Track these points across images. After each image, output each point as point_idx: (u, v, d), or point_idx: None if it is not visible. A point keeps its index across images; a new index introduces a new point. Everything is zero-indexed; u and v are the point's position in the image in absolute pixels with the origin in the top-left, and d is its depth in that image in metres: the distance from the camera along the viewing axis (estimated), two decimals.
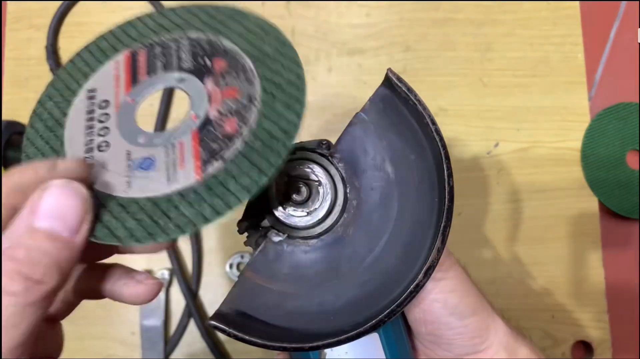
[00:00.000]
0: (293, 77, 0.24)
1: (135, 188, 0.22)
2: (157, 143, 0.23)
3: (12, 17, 0.51)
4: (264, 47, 0.25)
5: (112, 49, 0.26)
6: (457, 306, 0.27)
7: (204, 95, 0.24)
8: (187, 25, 0.26)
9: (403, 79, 0.24)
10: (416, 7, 0.51)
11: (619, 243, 0.50)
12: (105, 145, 0.23)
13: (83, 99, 0.25)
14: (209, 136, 0.23)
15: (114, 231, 0.21)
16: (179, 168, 0.22)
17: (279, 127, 0.23)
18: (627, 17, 0.51)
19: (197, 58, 0.25)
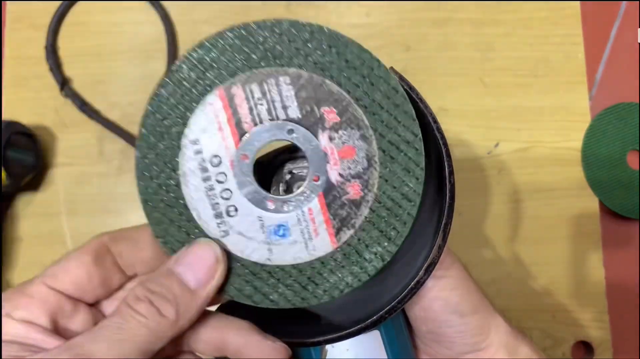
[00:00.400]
0: (410, 136, 0.23)
1: (277, 255, 0.23)
2: (287, 209, 0.23)
3: (12, 17, 0.50)
4: (373, 93, 0.23)
5: (201, 83, 0.22)
6: (458, 304, 0.27)
7: (321, 154, 0.23)
8: (281, 54, 0.22)
9: (405, 77, 0.24)
10: (416, 7, 0.51)
11: (619, 243, 0.49)
12: (233, 210, 0.23)
13: (190, 154, 0.23)
14: (336, 202, 0.23)
15: (269, 297, 0.24)
16: (314, 236, 0.23)
17: (401, 194, 0.23)
18: (628, 17, 0.51)
19: (304, 105, 0.23)
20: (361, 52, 0.23)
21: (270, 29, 0.22)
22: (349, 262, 0.23)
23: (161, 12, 0.50)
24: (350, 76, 0.23)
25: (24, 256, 0.48)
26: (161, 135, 0.23)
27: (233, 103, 0.23)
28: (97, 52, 0.50)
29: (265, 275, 0.24)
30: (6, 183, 0.44)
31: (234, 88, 0.22)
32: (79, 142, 0.49)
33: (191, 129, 0.23)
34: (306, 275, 0.24)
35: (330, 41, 0.23)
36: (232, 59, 0.22)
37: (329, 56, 0.23)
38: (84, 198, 0.48)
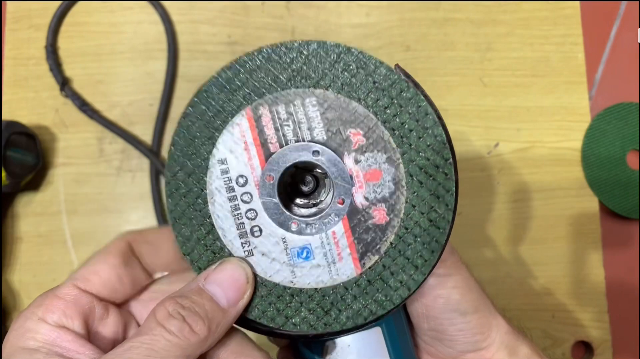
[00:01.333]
0: (439, 161, 0.23)
1: (300, 277, 0.23)
2: (310, 232, 0.23)
3: (12, 17, 0.50)
4: (402, 115, 0.22)
5: (229, 104, 0.23)
6: (460, 302, 0.27)
7: (347, 176, 0.23)
8: (308, 75, 0.22)
9: (410, 75, 0.24)
10: (416, 7, 0.51)
11: (619, 243, 0.49)
12: (258, 230, 0.23)
13: (217, 173, 0.23)
14: (360, 226, 0.23)
15: (291, 320, 0.23)
16: (337, 260, 0.23)
17: (429, 221, 0.23)
18: (628, 17, 0.51)
19: (330, 126, 0.22)
20: (390, 73, 0.22)
21: (298, 50, 0.22)
22: (373, 289, 0.23)
23: (161, 12, 0.50)
24: (378, 98, 0.22)
25: (24, 256, 0.48)
26: (190, 155, 0.23)
27: (260, 124, 0.23)
28: (97, 52, 0.50)
29: (288, 298, 0.23)
30: (6, 183, 0.44)
31: (261, 109, 0.23)
32: (79, 141, 0.49)
33: (219, 149, 0.23)
34: (329, 300, 0.23)
35: (357, 62, 0.22)
36: (260, 80, 0.23)
37: (357, 78, 0.22)
38: (84, 198, 0.48)
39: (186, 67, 0.50)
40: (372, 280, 0.23)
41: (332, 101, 0.22)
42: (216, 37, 0.50)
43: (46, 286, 0.48)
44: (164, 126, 0.49)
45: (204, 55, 0.50)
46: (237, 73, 0.23)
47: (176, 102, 0.50)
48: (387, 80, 0.22)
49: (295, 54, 0.22)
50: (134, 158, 0.49)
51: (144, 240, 0.26)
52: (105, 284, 0.24)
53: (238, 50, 0.50)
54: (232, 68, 0.23)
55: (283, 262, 0.23)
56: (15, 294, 0.48)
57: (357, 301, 0.23)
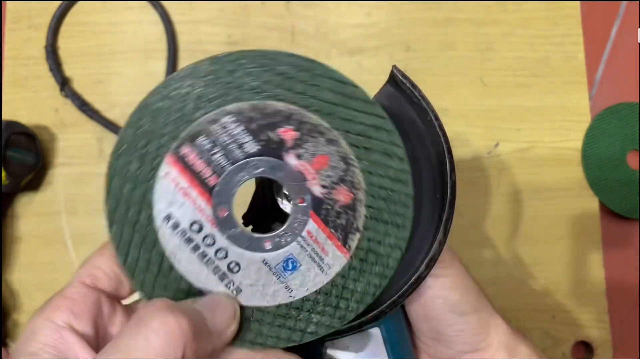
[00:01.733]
0: (376, 120, 0.22)
1: (297, 289, 0.23)
2: (285, 242, 0.23)
3: (12, 17, 0.50)
4: (320, 93, 0.22)
5: (147, 160, 0.22)
6: (458, 303, 0.27)
7: (296, 174, 0.22)
8: (213, 96, 0.21)
9: (407, 76, 0.24)
10: (416, 7, 0.51)
11: (619, 243, 0.49)
12: (235, 265, 0.22)
13: (169, 232, 0.22)
14: (330, 214, 0.22)
15: (307, 331, 0.23)
16: (324, 255, 0.23)
17: (390, 179, 0.23)
18: (628, 17, 0.51)
19: (257, 135, 0.22)
20: (289, 57, 0.22)
21: (190, 76, 0.21)
22: (368, 265, 0.23)
23: (161, 12, 0.50)
24: (290, 87, 0.22)
25: (24, 256, 0.48)
26: (133, 227, 0.22)
27: (187, 164, 0.22)
28: (97, 52, 0.50)
29: (295, 312, 0.23)
30: (6, 183, 0.44)
31: (181, 149, 0.22)
32: (78, 141, 0.49)
33: (158, 208, 0.22)
34: (333, 295, 0.23)
35: (255, 61, 0.22)
36: (166, 122, 0.22)
37: (261, 77, 0.22)
38: (84, 198, 0.48)
39: None
40: (363, 257, 0.23)
41: (248, 110, 0.22)
42: (216, 37, 0.50)
43: (46, 286, 0.48)
44: None
45: (204, 55, 0.50)
46: (139, 128, 0.22)
47: None
48: (289, 65, 0.22)
49: (189, 80, 0.22)
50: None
51: None
52: (110, 277, 0.24)
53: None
54: (130, 125, 0.22)
55: (274, 282, 0.23)
56: (15, 294, 0.48)
57: (359, 282, 0.23)
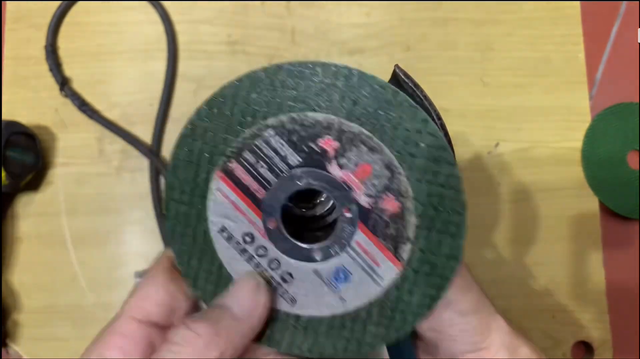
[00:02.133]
0: (418, 124, 0.21)
1: (350, 300, 0.23)
2: (335, 252, 0.22)
3: (12, 17, 0.50)
4: (359, 101, 0.21)
5: (199, 177, 0.22)
6: (460, 302, 0.27)
7: (339, 184, 0.22)
8: (254, 111, 0.22)
9: (410, 75, 0.23)
10: (417, 7, 0.51)
11: (619, 243, 0.49)
12: (288, 276, 0.23)
13: (224, 244, 0.23)
14: (379, 224, 0.22)
15: (364, 342, 0.23)
16: (375, 266, 0.22)
17: (440, 185, 0.22)
18: (628, 17, 0.51)
19: (299, 147, 0.22)
20: (326, 66, 0.21)
21: (234, 93, 0.22)
22: (423, 276, 0.22)
23: (161, 12, 0.50)
24: (328, 96, 0.21)
25: (24, 256, 0.48)
26: (192, 242, 0.23)
27: (235, 178, 0.22)
28: (97, 52, 0.50)
29: (350, 323, 0.23)
30: (6, 183, 0.44)
31: (229, 164, 0.22)
32: (78, 141, 0.49)
33: (213, 221, 0.23)
34: (388, 307, 0.23)
35: (293, 75, 0.22)
36: (214, 139, 0.22)
37: (299, 89, 0.22)
38: (84, 198, 0.48)
39: (186, 67, 0.50)
40: (417, 268, 0.22)
41: (288, 123, 0.22)
42: (216, 37, 0.50)
43: (46, 286, 0.48)
44: (164, 126, 0.49)
45: (204, 55, 0.50)
46: (191, 145, 0.22)
47: (176, 102, 0.50)
48: (328, 74, 0.21)
49: (230, 102, 0.22)
50: (134, 158, 0.49)
51: None
52: (160, 306, 0.24)
53: (238, 49, 0.50)
54: (182, 144, 0.22)
55: (327, 293, 0.23)
56: (15, 294, 0.48)
57: (414, 294, 0.23)
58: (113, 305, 0.47)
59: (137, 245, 0.48)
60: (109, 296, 0.47)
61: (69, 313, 0.47)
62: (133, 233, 0.48)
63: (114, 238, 0.48)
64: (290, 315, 0.23)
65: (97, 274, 0.48)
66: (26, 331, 0.47)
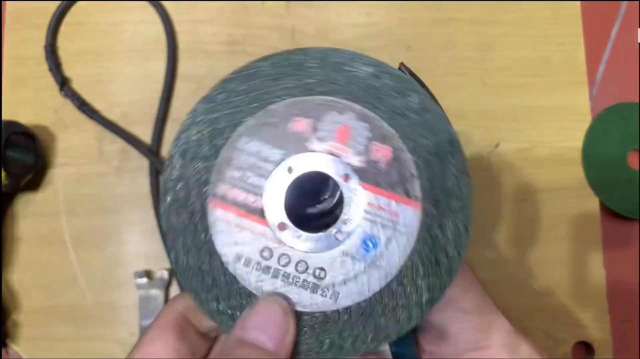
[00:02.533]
0: (371, 69, 0.22)
1: (388, 263, 0.22)
2: (354, 225, 0.22)
3: (12, 17, 0.50)
4: (310, 72, 0.22)
5: (196, 212, 0.22)
6: (462, 300, 0.27)
7: (329, 158, 0.22)
8: (222, 128, 0.22)
9: (414, 73, 0.24)
10: (417, 7, 0.51)
11: (620, 243, 0.49)
12: (319, 270, 0.22)
13: (245, 271, 0.22)
14: (379, 176, 0.22)
15: (422, 299, 0.22)
16: (396, 217, 0.22)
17: (413, 111, 0.22)
18: (628, 17, 0.51)
19: (275, 141, 0.22)
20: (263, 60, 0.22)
21: (195, 122, 0.22)
22: (444, 205, 0.22)
23: (161, 12, 0.50)
24: (280, 84, 0.22)
25: (24, 256, 0.48)
26: (213, 287, 0.22)
27: (229, 200, 0.22)
28: (96, 51, 0.50)
29: (401, 288, 0.22)
30: (6, 183, 0.44)
31: (218, 189, 0.22)
32: (78, 141, 0.49)
33: (225, 254, 0.22)
34: (427, 250, 0.22)
35: (238, 80, 0.22)
36: (195, 175, 0.22)
37: (247, 91, 0.22)
38: (84, 198, 0.48)
39: (186, 67, 0.50)
40: (433, 199, 0.22)
41: (256, 123, 0.22)
42: (216, 37, 0.50)
43: (46, 286, 0.48)
44: (164, 126, 0.49)
45: (204, 55, 0.50)
46: (178, 182, 0.22)
47: (176, 102, 0.50)
48: (274, 65, 0.22)
49: (197, 128, 0.22)
50: (134, 158, 0.49)
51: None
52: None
53: (238, 49, 0.50)
54: (166, 191, 0.22)
55: (364, 268, 0.22)
56: (15, 294, 0.47)
57: (445, 226, 0.22)
58: (113, 305, 0.47)
59: (137, 245, 0.48)
60: (108, 296, 0.47)
61: (69, 313, 0.47)
62: (133, 233, 0.48)
63: (113, 238, 0.48)
64: (332, 312, 0.22)
65: (97, 274, 0.48)
66: (26, 331, 0.47)
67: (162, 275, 0.47)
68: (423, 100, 0.22)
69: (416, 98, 0.22)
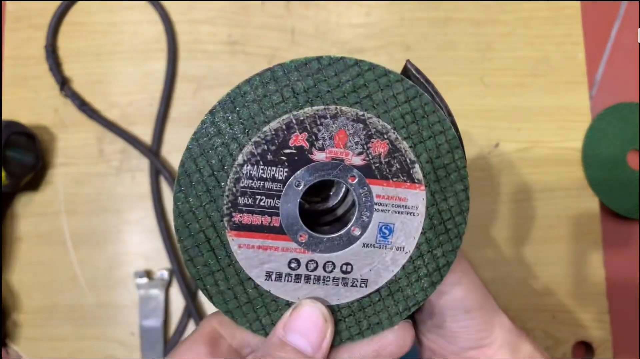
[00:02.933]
0: (354, 70, 0.22)
1: (406, 243, 0.24)
2: (367, 217, 0.23)
3: (12, 17, 0.50)
4: (296, 87, 0.22)
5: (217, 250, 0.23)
6: (464, 299, 0.27)
7: (331, 164, 0.23)
8: (221, 159, 0.22)
9: (421, 71, 0.24)
10: (416, 7, 0.51)
11: (619, 243, 0.49)
12: (346, 266, 0.24)
13: (278, 285, 0.23)
14: (382, 169, 0.23)
15: (440, 265, 0.24)
16: (404, 203, 0.23)
17: (402, 102, 0.23)
18: (628, 17, 0.51)
19: (277, 159, 0.22)
20: (245, 85, 0.22)
21: (192, 156, 0.22)
22: (446, 181, 0.24)
23: (161, 12, 0.50)
24: (270, 102, 0.22)
25: (24, 256, 0.48)
26: (254, 310, 0.24)
27: (247, 227, 0.23)
28: (96, 51, 0.50)
29: (419, 261, 0.24)
30: (6, 183, 0.44)
31: (233, 219, 0.22)
32: (78, 141, 0.49)
33: (256, 276, 0.23)
34: (437, 224, 0.24)
35: (227, 110, 0.22)
36: (205, 212, 0.22)
37: (238, 121, 0.22)
38: (84, 198, 0.48)
39: (186, 66, 0.50)
40: (435, 178, 0.23)
41: (255, 149, 0.22)
42: (216, 36, 0.50)
43: (46, 286, 0.48)
44: (164, 126, 0.49)
45: (204, 55, 0.50)
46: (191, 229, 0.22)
47: (176, 102, 0.50)
48: (261, 83, 0.22)
49: (196, 161, 0.22)
50: (134, 158, 0.49)
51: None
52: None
53: (238, 49, 0.50)
54: (182, 235, 0.22)
55: (385, 254, 0.24)
56: (15, 294, 0.47)
57: (448, 200, 0.24)
58: (113, 305, 0.47)
59: (137, 245, 0.48)
60: (108, 296, 0.47)
61: (69, 313, 0.47)
62: (133, 233, 0.48)
63: (113, 238, 0.48)
64: (365, 298, 0.24)
65: (97, 274, 0.48)
66: (26, 331, 0.47)
67: (162, 275, 0.47)
68: (408, 88, 0.23)
69: (400, 87, 0.23)
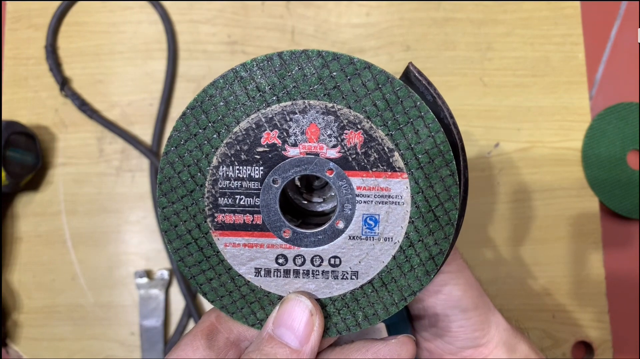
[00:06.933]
0: (317, 62, 0.22)
1: (395, 233, 0.23)
2: (350, 210, 0.23)
3: (12, 17, 0.50)
4: (261, 86, 0.22)
5: (204, 249, 0.23)
6: (461, 299, 0.27)
7: (307, 159, 0.23)
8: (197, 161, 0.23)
9: (423, 73, 0.24)
10: (416, 7, 0.51)
11: (619, 243, 0.49)
12: (334, 259, 0.23)
13: (268, 280, 0.24)
14: (360, 160, 0.23)
15: (433, 253, 0.23)
16: (387, 192, 0.23)
17: (372, 89, 0.22)
18: (628, 17, 0.51)
19: (252, 158, 0.22)
20: (217, 89, 0.22)
21: (171, 153, 0.22)
22: (430, 167, 0.23)
23: (161, 12, 0.50)
24: (236, 103, 0.22)
25: (24, 256, 0.48)
26: (247, 304, 0.24)
27: (230, 226, 0.23)
28: (96, 51, 0.50)
29: (410, 250, 0.23)
30: (6, 183, 0.44)
31: (216, 219, 0.23)
32: (78, 141, 0.49)
33: (244, 271, 0.23)
34: (425, 211, 0.23)
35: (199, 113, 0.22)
36: (188, 214, 0.23)
37: (208, 123, 0.22)
38: (84, 197, 0.48)
39: (186, 66, 0.50)
40: (417, 165, 0.23)
41: (228, 150, 0.22)
42: (216, 37, 0.50)
43: (46, 286, 0.48)
44: (164, 126, 0.49)
45: (204, 55, 0.50)
46: (176, 230, 0.23)
47: (176, 102, 0.50)
48: (226, 84, 0.22)
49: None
50: (134, 158, 0.49)
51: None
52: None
53: (238, 49, 0.50)
54: (170, 238, 0.23)
55: (373, 245, 0.23)
56: (15, 294, 0.48)
57: (435, 187, 0.23)
58: (113, 305, 0.47)
59: (136, 245, 0.48)
60: (108, 296, 0.47)
61: (69, 313, 0.47)
62: (133, 233, 0.48)
63: (113, 238, 0.48)
64: (357, 290, 0.24)
65: (97, 274, 0.48)
66: (26, 331, 0.47)
67: (162, 275, 0.47)
68: (377, 74, 0.22)
69: (369, 74, 0.22)
